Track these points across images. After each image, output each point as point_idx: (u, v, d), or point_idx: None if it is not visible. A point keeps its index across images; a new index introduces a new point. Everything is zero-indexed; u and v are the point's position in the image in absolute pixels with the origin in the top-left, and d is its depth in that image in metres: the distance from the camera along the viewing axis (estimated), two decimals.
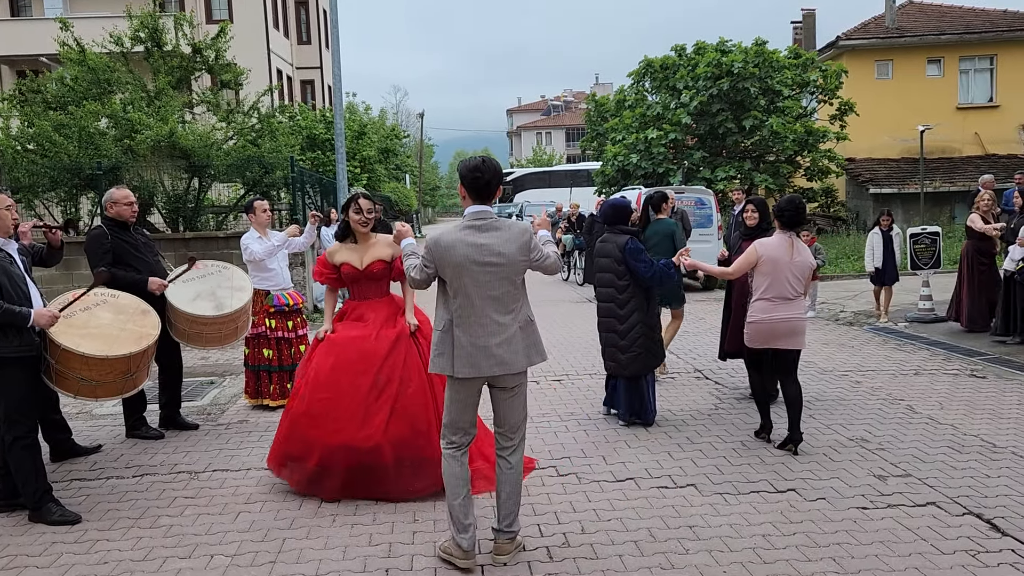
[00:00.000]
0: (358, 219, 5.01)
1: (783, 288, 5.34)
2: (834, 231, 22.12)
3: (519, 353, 3.78)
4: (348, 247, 5.08)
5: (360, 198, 5.10)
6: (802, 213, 5.47)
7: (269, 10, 29.42)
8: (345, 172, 14.72)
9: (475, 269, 3.70)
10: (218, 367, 8.86)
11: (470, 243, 3.72)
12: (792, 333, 5.37)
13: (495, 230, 3.77)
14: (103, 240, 5.87)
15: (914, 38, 24.84)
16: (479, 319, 3.73)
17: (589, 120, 29.20)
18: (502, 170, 3.93)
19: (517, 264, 3.79)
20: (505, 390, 3.86)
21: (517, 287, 3.84)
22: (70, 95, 13.72)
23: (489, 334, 3.73)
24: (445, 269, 3.75)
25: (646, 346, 6.06)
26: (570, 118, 78.58)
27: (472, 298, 3.73)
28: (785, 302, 5.33)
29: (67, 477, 5.30)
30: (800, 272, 5.36)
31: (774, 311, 5.34)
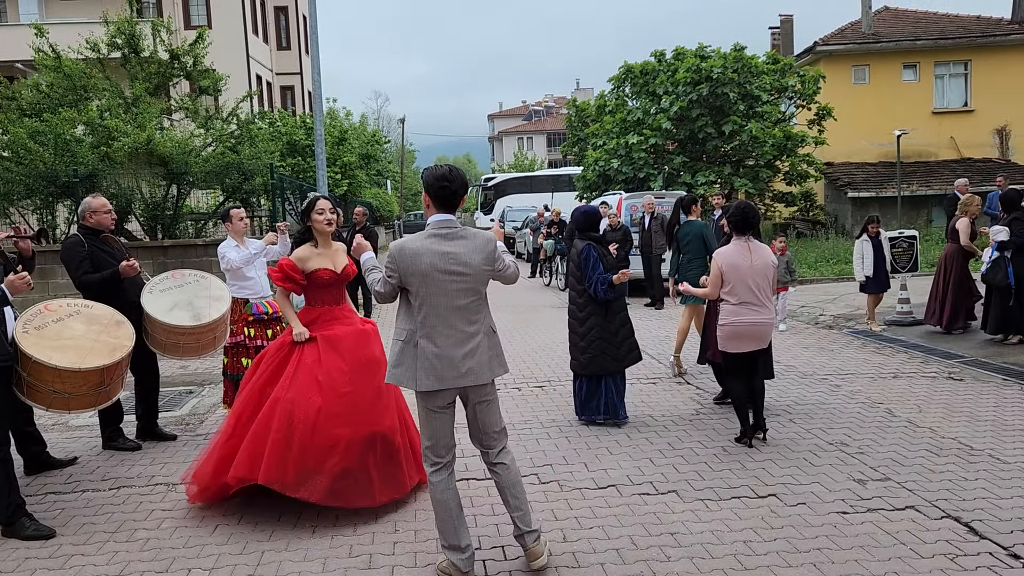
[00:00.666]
0: (322, 219, 4.96)
1: (747, 292, 5.52)
2: (813, 235, 22.30)
3: (484, 364, 3.77)
4: (318, 252, 4.99)
5: (319, 199, 5.05)
6: (749, 218, 5.60)
7: (248, 16, 29.27)
8: (326, 178, 14.67)
9: (442, 278, 3.67)
10: (197, 376, 8.77)
11: (436, 251, 3.68)
12: (759, 336, 5.64)
13: (461, 239, 3.75)
14: (79, 248, 5.80)
15: (890, 43, 25.14)
16: (445, 329, 3.69)
17: (570, 125, 29.33)
18: (467, 180, 3.91)
19: (482, 273, 3.78)
20: (478, 400, 3.83)
21: (481, 297, 3.83)
22: (46, 102, 13.56)
23: (455, 344, 3.70)
24: (410, 278, 3.70)
25: (602, 348, 6.24)
26: (551, 123, 78.75)
27: (438, 308, 3.69)
28: (751, 306, 5.52)
29: (42, 490, 5.22)
30: (762, 274, 5.54)
31: (742, 314, 5.53)
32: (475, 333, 3.75)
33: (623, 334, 6.36)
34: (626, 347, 6.34)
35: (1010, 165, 23.97)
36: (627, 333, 6.41)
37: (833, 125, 21.98)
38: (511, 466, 3.94)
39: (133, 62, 14.64)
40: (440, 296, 3.68)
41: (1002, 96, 24.58)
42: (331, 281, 4.96)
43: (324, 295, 4.98)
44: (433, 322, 3.69)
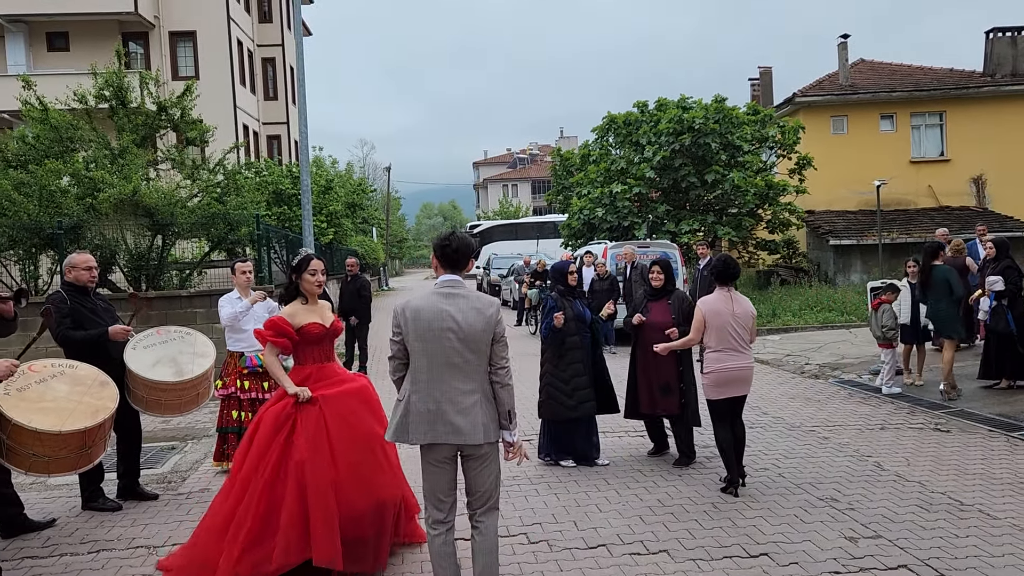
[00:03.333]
0: (313, 280, 4.90)
1: (729, 340, 5.79)
2: (796, 282, 22.48)
3: (478, 425, 3.75)
4: (305, 308, 4.90)
5: (313, 259, 4.99)
6: (731, 269, 5.94)
7: (236, 67, 29.57)
8: (311, 228, 14.70)
9: (437, 334, 3.74)
10: (179, 431, 8.64)
11: (436, 309, 3.77)
12: (743, 380, 5.86)
13: (463, 299, 3.81)
14: (61, 305, 5.75)
15: (867, 95, 25.69)
16: (440, 384, 3.75)
17: (555, 174, 29.62)
18: (472, 243, 3.99)
19: (478, 336, 3.77)
20: (472, 459, 3.82)
21: (480, 358, 3.81)
22: (31, 153, 13.54)
23: (446, 400, 3.73)
24: (409, 334, 3.79)
25: (550, 394, 6.66)
26: (536, 170, 79.55)
27: (433, 363, 3.75)
28: (735, 352, 5.79)
29: (18, 555, 5.09)
30: (743, 322, 5.83)
31: (726, 361, 5.77)
32: (470, 392, 3.76)
33: (576, 383, 6.63)
34: (579, 396, 6.58)
35: (987, 213, 24.37)
36: (582, 383, 6.63)
37: (813, 174, 22.31)
38: (487, 534, 3.85)
39: (120, 113, 14.67)
40: (436, 352, 3.74)
41: (977, 146, 25.10)
42: (321, 336, 4.87)
43: (314, 351, 4.87)
44: (428, 376, 3.76)
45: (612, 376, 7.00)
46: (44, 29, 28.07)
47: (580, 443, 6.74)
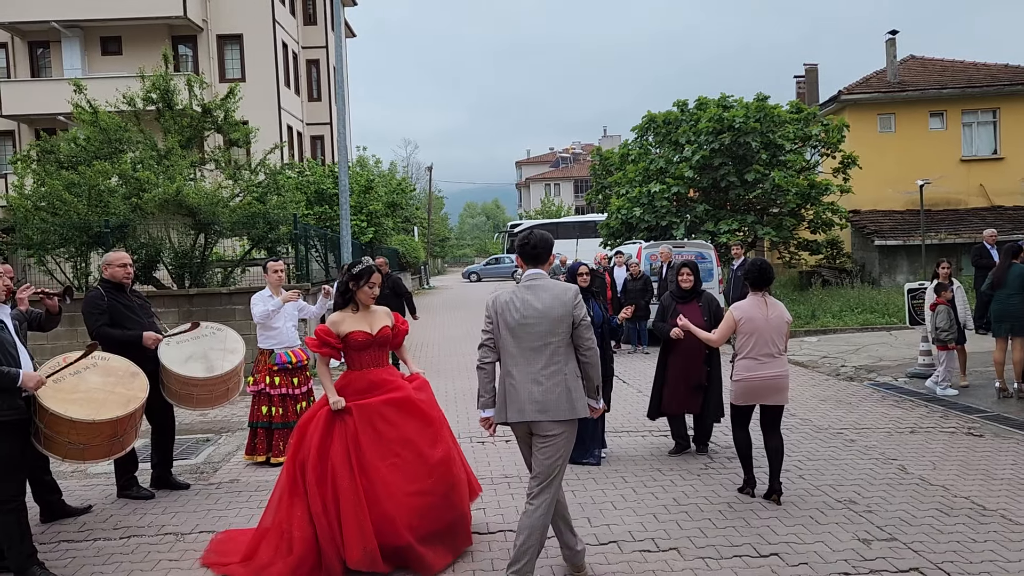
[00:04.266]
0: (371, 293, 4.99)
1: (764, 346, 5.58)
2: (838, 283, 22.12)
3: (561, 403, 4.12)
4: (352, 316, 4.99)
5: (374, 273, 5.04)
6: (767, 274, 5.73)
7: (280, 69, 30.13)
8: (349, 228, 14.96)
9: (523, 322, 4.18)
10: (215, 424, 8.90)
11: (522, 299, 4.22)
12: (776, 389, 5.62)
13: (543, 289, 4.23)
14: (99, 301, 6.00)
15: (915, 92, 25.14)
16: (525, 368, 4.17)
17: (594, 173, 29.60)
18: (549, 239, 4.43)
19: (560, 320, 4.16)
20: (542, 437, 4.14)
21: (562, 341, 4.20)
22: (82, 154, 14.03)
23: (533, 383, 4.14)
24: (500, 325, 4.25)
25: None
26: (578, 170, 79.41)
27: (520, 349, 4.18)
28: (769, 359, 5.57)
29: (55, 538, 5.33)
30: (777, 328, 5.62)
31: (759, 369, 5.56)
32: (554, 373, 4.15)
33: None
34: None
35: None
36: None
37: (859, 173, 21.93)
38: (533, 513, 4.11)
39: (167, 115, 15.11)
40: (523, 338, 4.18)
41: None
42: (366, 343, 4.94)
43: (363, 357, 4.97)
44: (517, 361, 4.20)
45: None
46: (98, 34, 28.95)
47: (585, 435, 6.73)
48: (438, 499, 4.67)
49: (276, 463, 6.92)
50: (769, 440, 5.72)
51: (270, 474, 6.72)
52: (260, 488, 6.33)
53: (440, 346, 16.06)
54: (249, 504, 5.93)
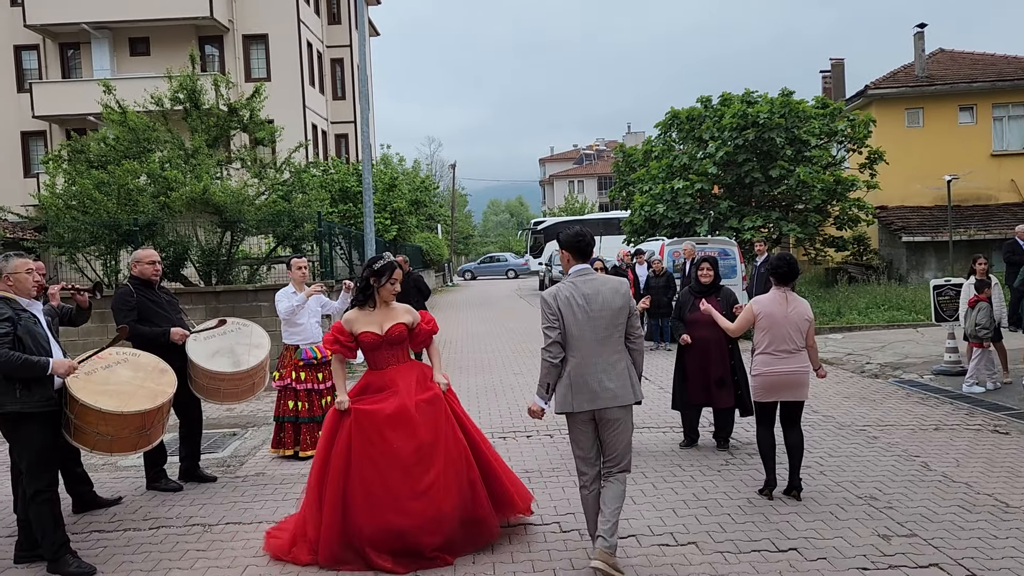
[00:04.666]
0: (393, 289, 4.94)
1: (782, 342, 5.57)
2: (865, 280, 21.90)
3: (627, 388, 4.40)
4: (366, 314, 4.93)
5: (397, 269, 4.97)
6: (795, 269, 5.72)
7: (305, 68, 30.39)
8: (373, 225, 15.08)
9: (588, 315, 4.36)
10: (241, 419, 9.05)
11: (582, 293, 4.39)
12: (795, 385, 5.61)
13: (598, 282, 4.47)
14: (128, 298, 6.14)
15: (945, 86, 24.81)
16: (593, 359, 4.36)
17: (617, 170, 29.52)
18: (593, 236, 4.64)
19: (619, 310, 4.42)
20: (610, 422, 4.38)
21: (620, 331, 4.45)
22: (111, 154, 14.28)
23: (602, 372, 4.36)
24: (564, 319, 4.37)
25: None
26: (602, 167, 79.20)
27: (589, 342, 4.36)
28: (786, 355, 5.56)
29: (87, 528, 5.47)
30: (797, 325, 5.58)
31: (776, 364, 5.56)
32: (618, 360, 4.41)
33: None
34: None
35: None
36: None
37: (887, 169, 21.68)
38: (619, 482, 4.43)
39: (194, 115, 15.33)
40: (588, 330, 4.36)
41: None
42: (375, 344, 4.88)
43: (375, 357, 4.94)
44: (584, 352, 4.36)
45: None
46: (127, 35, 29.39)
47: None
48: (423, 522, 4.55)
49: (304, 456, 7.04)
50: (789, 436, 5.71)
51: (295, 467, 6.84)
52: (285, 481, 6.44)
53: (463, 343, 16.15)
54: (275, 497, 6.04)
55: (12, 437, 4.78)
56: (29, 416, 4.66)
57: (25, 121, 28.97)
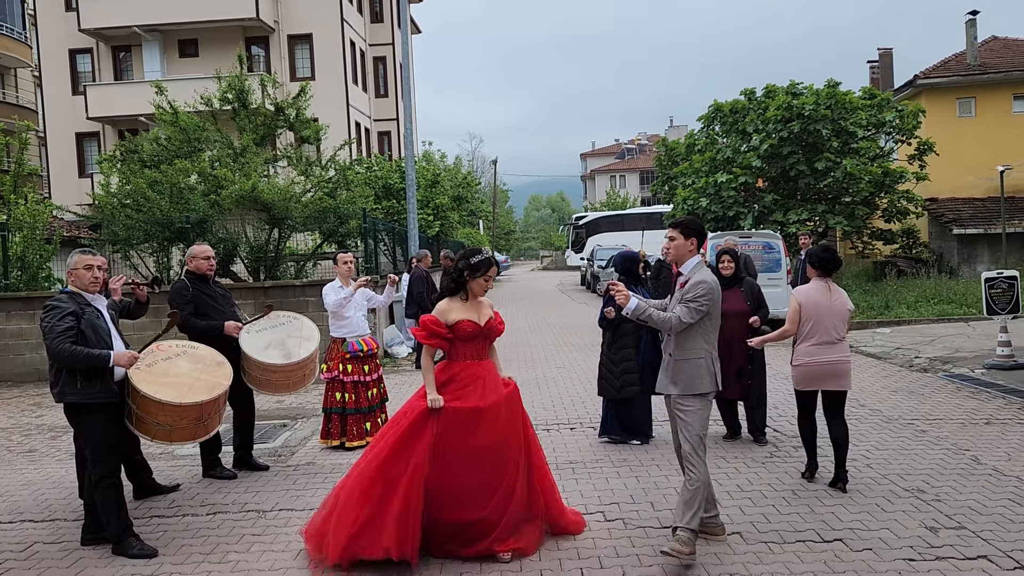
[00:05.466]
0: (485, 285, 4.83)
1: (826, 332, 5.58)
2: (915, 273, 21.48)
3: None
4: (459, 304, 4.81)
5: (493, 266, 4.86)
6: (834, 259, 5.75)
7: (349, 67, 30.78)
8: (416, 222, 15.28)
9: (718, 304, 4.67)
10: (291, 410, 9.27)
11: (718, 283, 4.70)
12: (837, 375, 5.61)
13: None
14: (184, 292, 6.36)
15: (998, 74, 24.21)
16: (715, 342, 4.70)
17: (660, 164, 29.35)
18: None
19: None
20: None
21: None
22: (163, 154, 14.70)
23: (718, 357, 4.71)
24: (715, 307, 4.62)
25: (602, 373, 7.24)
26: (644, 161, 78.70)
27: (716, 326, 4.70)
28: (829, 345, 5.57)
29: (147, 514, 5.69)
30: (840, 315, 5.62)
31: (818, 354, 5.56)
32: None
33: (624, 367, 7.08)
34: (624, 380, 7.02)
35: None
36: (629, 367, 7.06)
37: (937, 160, 21.24)
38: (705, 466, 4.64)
39: (242, 115, 15.70)
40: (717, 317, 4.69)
41: None
42: (474, 334, 4.77)
43: (466, 349, 4.79)
44: (714, 336, 4.69)
45: None
46: (176, 37, 30.09)
47: (638, 418, 7.18)
48: (498, 518, 4.58)
49: (350, 447, 7.22)
50: (833, 427, 5.70)
51: (343, 457, 7.01)
52: (335, 471, 6.60)
53: (506, 337, 16.13)
54: (325, 485, 6.20)
55: (77, 425, 5.01)
56: (91, 406, 4.87)
57: (80, 123, 29.85)
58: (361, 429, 7.32)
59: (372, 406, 7.43)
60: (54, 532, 5.39)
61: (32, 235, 12.91)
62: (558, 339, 15.49)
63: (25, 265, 12.85)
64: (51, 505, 5.99)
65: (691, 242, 4.65)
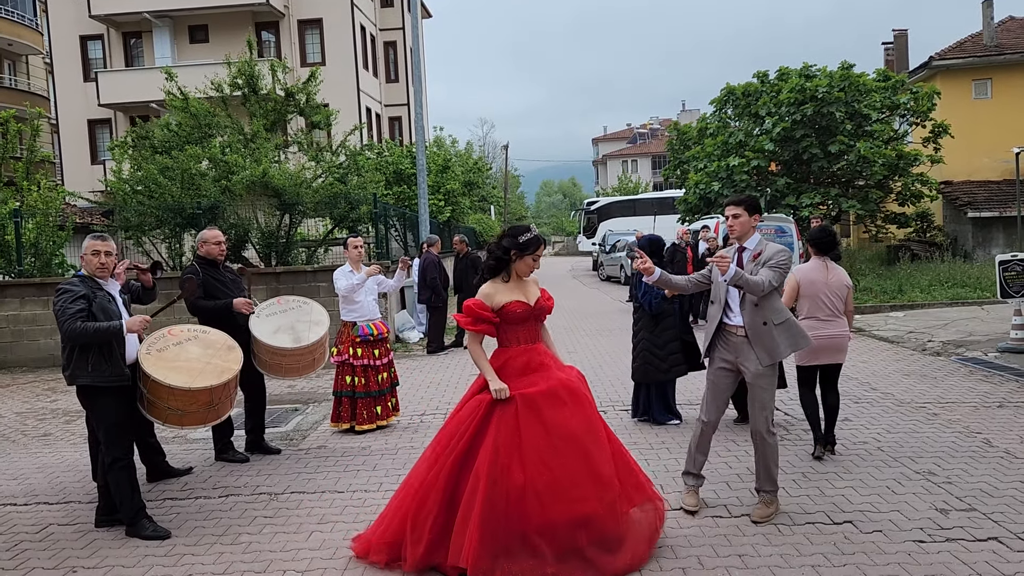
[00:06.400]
0: (533, 265, 4.47)
1: (823, 308, 5.92)
2: (929, 257, 21.31)
3: None
4: (504, 286, 4.42)
5: (542, 243, 4.51)
6: (827, 238, 6.06)
7: (359, 52, 30.71)
8: (427, 207, 15.27)
9: None
10: (303, 395, 9.32)
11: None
12: (835, 349, 5.94)
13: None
14: (194, 276, 6.38)
15: (1015, 55, 23.89)
16: None
17: (672, 149, 29.20)
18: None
19: None
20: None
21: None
22: (174, 140, 14.74)
23: None
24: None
25: (646, 359, 7.21)
26: (656, 146, 78.28)
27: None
28: (827, 321, 5.89)
29: (160, 496, 5.75)
30: (837, 292, 5.94)
31: (820, 328, 5.85)
32: None
33: (670, 348, 7.17)
34: (672, 360, 7.12)
35: None
36: (674, 348, 7.18)
37: (952, 142, 21.01)
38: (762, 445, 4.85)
39: (252, 100, 15.71)
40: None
41: None
42: (525, 315, 4.38)
43: (518, 331, 4.40)
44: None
45: None
46: (186, 23, 30.11)
47: (672, 399, 7.34)
48: (603, 508, 4.13)
49: (360, 430, 7.26)
50: (827, 397, 6.07)
51: (354, 441, 7.05)
52: (346, 454, 6.65)
53: None
54: (336, 468, 6.24)
55: (90, 408, 5.05)
56: (103, 389, 4.91)
57: (91, 109, 29.97)
58: (371, 412, 7.36)
59: (382, 390, 7.46)
60: (69, 514, 5.45)
61: (45, 221, 12.99)
62: (569, 323, 15.50)
63: (39, 251, 12.94)
64: (65, 488, 6.06)
65: (755, 218, 4.85)
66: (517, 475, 4.02)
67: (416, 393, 9.17)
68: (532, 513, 4.00)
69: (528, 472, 4.03)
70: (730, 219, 4.91)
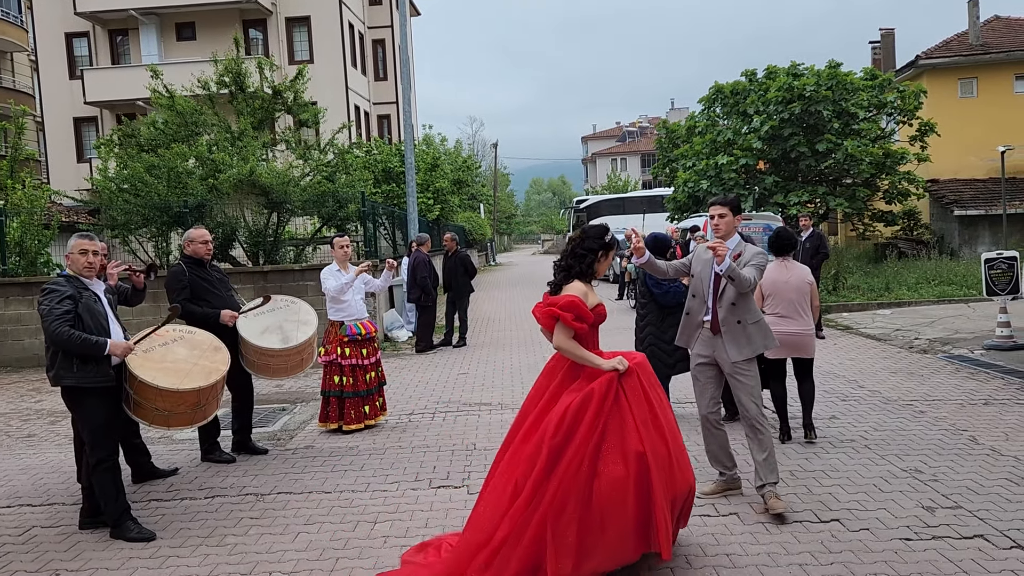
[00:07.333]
0: (607, 264, 4.38)
1: (785, 306, 6.25)
2: (915, 255, 21.43)
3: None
4: (589, 287, 4.30)
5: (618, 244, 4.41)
6: (786, 242, 6.44)
7: (347, 50, 30.60)
8: (416, 205, 15.23)
9: None
10: (290, 394, 9.28)
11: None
12: (799, 346, 6.28)
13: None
14: (181, 277, 6.34)
15: (1000, 54, 24.06)
16: None
17: (660, 146, 29.25)
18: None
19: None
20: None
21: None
22: (161, 138, 14.64)
23: None
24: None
25: (653, 353, 7.13)
26: (645, 144, 78.38)
27: None
28: (789, 319, 6.21)
29: (146, 497, 5.70)
30: (797, 290, 6.25)
31: (780, 325, 6.14)
32: None
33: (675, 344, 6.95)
34: (677, 356, 7.13)
35: None
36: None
37: (939, 141, 21.12)
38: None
39: (239, 98, 15.62)
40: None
41: None
42: (603, 318, 4.30)
43: (593, 335, 4.27)
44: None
45: None
46: (173, 20, 29.90)
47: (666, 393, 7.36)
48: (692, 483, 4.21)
49: (348, 430, 7.23)
50: (802, 388, 6.44)
51: (342, 441, 7.03)
52: (333, 454, 6.62)
53: (506, 321, 16.26)
54: (323, 469, 6.22)
55: (75, 409, 5.00)
56: (88, 390, 4.87)
57: (77, 107, 29.74)
58: (359, 412, 7.34)
59: (370, 390, 7.44)
60: (52, 516, 5.41)
61: (30, 220, 12.88)
62: None
63: (23, 250, 12.83)
64: (49, 489, 6.01)
65: (737, 219, 5.03)
66: (662, 447, 4.01)
67: (404, 392, 9.14)
68: (678, 480, 4.09)
69: (667, 441, 4.07)
70: (716, 219, 5.06)
